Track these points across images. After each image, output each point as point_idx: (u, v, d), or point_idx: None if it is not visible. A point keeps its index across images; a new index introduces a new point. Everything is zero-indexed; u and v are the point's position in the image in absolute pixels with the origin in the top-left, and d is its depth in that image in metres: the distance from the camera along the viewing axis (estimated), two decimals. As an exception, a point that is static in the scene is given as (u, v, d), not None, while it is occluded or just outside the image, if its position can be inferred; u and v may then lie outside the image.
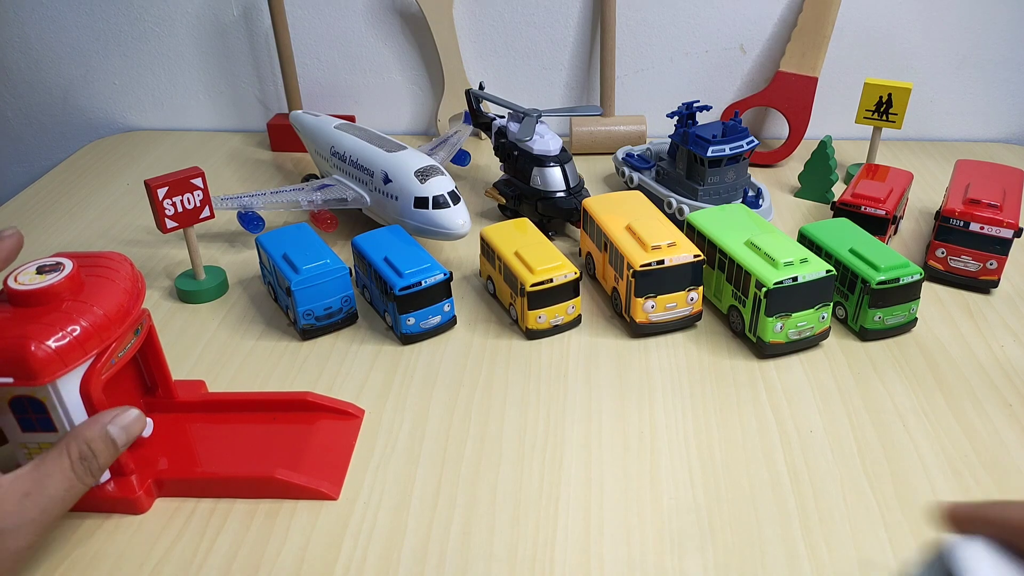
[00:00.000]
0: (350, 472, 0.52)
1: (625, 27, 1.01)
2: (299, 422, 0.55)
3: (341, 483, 0.51)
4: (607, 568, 0.45)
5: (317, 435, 0.54)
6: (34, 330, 0.42)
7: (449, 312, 0.65)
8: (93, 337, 0.44)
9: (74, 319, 0.43)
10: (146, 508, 0.50)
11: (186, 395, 0.56)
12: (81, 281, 0.46)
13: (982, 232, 0.69)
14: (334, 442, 0.54)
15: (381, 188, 0.74)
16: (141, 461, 0.51)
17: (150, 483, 0.50)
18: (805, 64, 0.95)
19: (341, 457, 0.53)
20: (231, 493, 0.50)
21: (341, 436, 0.54)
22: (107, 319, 0.45)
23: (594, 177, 0.95)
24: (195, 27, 1.04)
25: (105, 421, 0.44)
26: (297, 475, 0.50)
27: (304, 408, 0.56)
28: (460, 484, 0.51)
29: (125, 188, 0.94)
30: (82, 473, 0.43)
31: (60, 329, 0.43)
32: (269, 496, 0.50)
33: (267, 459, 0.52)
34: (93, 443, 0.43)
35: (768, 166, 0.98)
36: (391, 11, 1.02)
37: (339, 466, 0.52)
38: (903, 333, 0.65)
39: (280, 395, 0.57)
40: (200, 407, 0.56)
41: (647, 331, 0.65)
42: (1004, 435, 0.55)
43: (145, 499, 0.49)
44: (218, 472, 0.51)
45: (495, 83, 1.03)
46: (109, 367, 0.46)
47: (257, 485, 0.50)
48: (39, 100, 1.10)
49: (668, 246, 0.63)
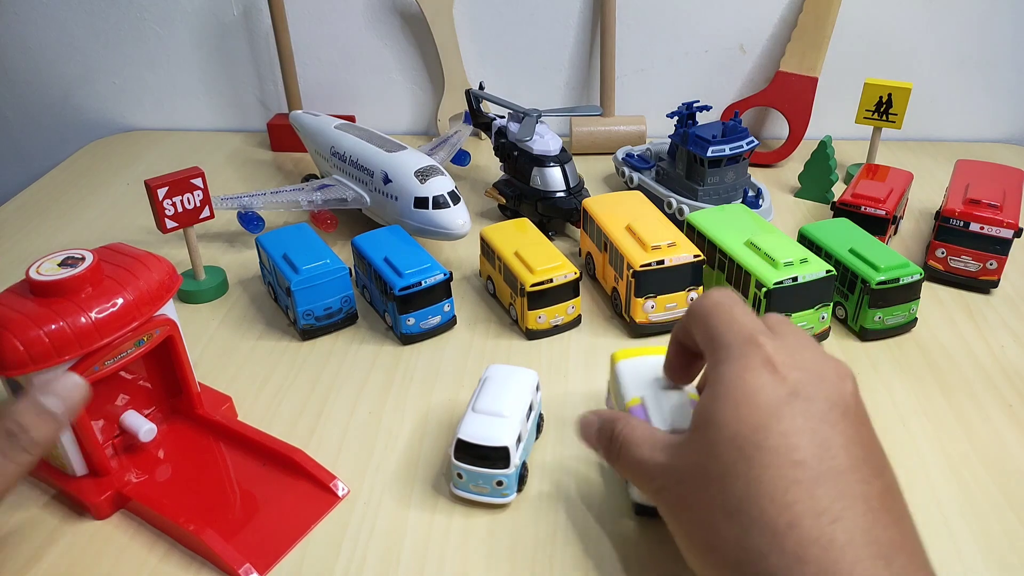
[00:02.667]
0: (350, 472, 0.52)
1: (625, 27, 1.01)
2: (278, 477, 0.51)
3: (273, 564, 0.45)
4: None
5: (286, 498, 0.49)
6: (16, 322, 0.42)
7: (449, 312, 0.65)
8: (72, 343, 0.43)
9: (56, 320, 0.43)
10: (104, 516, 0.49)
11: (204, 410, 0.54)
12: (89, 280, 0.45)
13: (982, 232, 0.69)
14: (297, 514, 0.48)
15: (381, 188, 0.74)
16: (127, 465, 0.50)
17: (111, 494, 0.49)
18: (805, 64, 0.95)
19: (292, 534, 0.47)
20: (170, 533, 0.47)
21: (308, 511, 0.49)
22: (92, 327, 0.44)
23: (594, 177, 0.95)
24: (195, 27, 1.04)
25: (35, 392, 0.40)
26: (225, 545, 0.45)
27: (288, 465, 0.51)
28: (460, 484, 0.51)
29: (125, 188, 0.94)
30: (10, 450, 0.39)
31: (39, 328, 0.43)
32: (195, 551, 0.46)
33: (217, 510, 0.48)
34: (22, 416, 0.39)
35: (768, 166, 0.98)
36: (391, 11, 1.02)
37: (283, 545, 0.46)
38: (903, 333, 0.65)
39: (275, 443, 0.52)
40: (206, 428, 0.54)
41: (647, 331, 0.65)
42: (1004, 435, 0.55)
43: (105, 507, 0.49)
44: (165, 510, 0.47)
45: (495, 83, 1.03)
46: (92, 372, 0.45)
47: (189, 537, 0.46)
48: (39, 100, 1.10)
49: (668, 246, 0.63)
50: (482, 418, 0.48)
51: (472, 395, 0.51)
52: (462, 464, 0.48)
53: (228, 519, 0.48)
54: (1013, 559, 0.45)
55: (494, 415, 0.48)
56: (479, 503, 0.49)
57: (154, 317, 0.48)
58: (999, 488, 0.50)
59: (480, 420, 0.48)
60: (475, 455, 0.47)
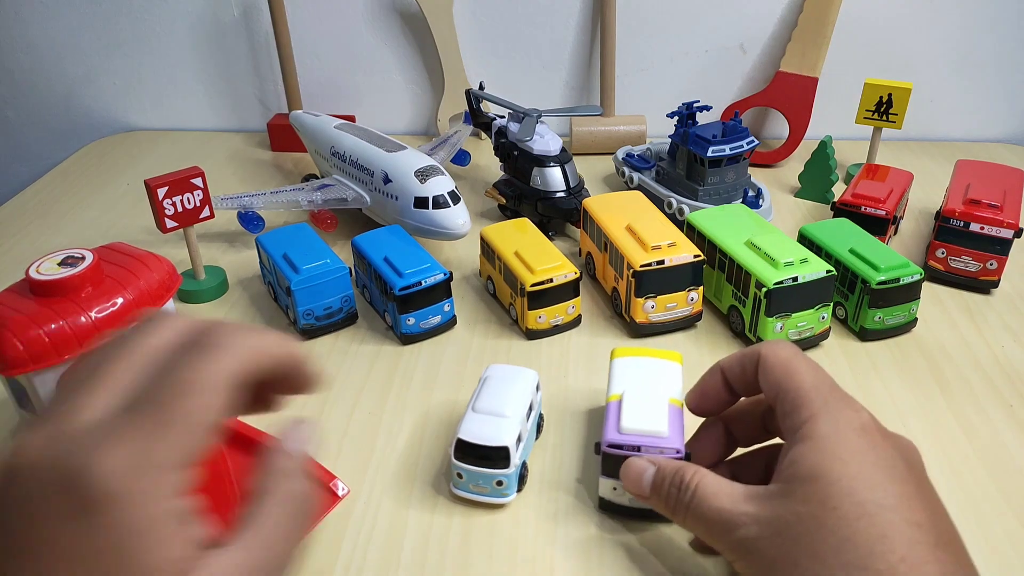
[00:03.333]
0: (350, 472, 0.52)
1: (625, 27, 1.01)
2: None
3: None
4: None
5: None
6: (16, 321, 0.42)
7: (449, 312, 0.65)
8: (72, 342, 0.44)
9: (56, 319, 0.43)
10: None
11: None
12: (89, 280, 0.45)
13: (982, 232, 0.69)
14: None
15: (381, 188, 0.74)
16: None
17: None
18: (805, 64, 0.95)
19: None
20: None
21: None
22: (92, 326, 0.44)
23: (594, 177, 0.95)
24: (195, 27, 1.04)
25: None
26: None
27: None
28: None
29: (125, 188, 0.94)
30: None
31: (39, 327, 0.43)
32: None
33: (217, 510, 0.46)
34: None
35: (768, 166, 0.98)
36: (391, 11, 1.02)
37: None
38: (903, 333, 0.65)
39: (275, 443, 0.51)
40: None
41: (647, 331, 0.65)
42: (1004, 435, 0.55)
43: None
44: None
45: (495, 83, 1.03)
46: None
47: None
48: (40, 100, 1.10)
49: (668, 246, 0.63)
50: (482, 418, 0.48)
51: (472, 395, 0.51)
52: (462, 464, 0.48)
53: (228, 518, 0.48)
54: (1013, 559, 0.45)
55: (494, 415, 0.48)
56: (479, 503, 0.49)
57: None
58: (999, 488, 0.50)
59: (480, 420, 0.48)
60: (475, 455, 0.47)
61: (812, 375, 0.41)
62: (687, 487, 0.41)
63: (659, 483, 0.42)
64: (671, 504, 0.41)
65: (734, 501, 0.39)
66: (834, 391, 0.40)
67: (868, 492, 0.36)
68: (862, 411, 0.39)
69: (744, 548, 0.38)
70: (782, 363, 0.41)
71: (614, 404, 0.47)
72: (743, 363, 0.43)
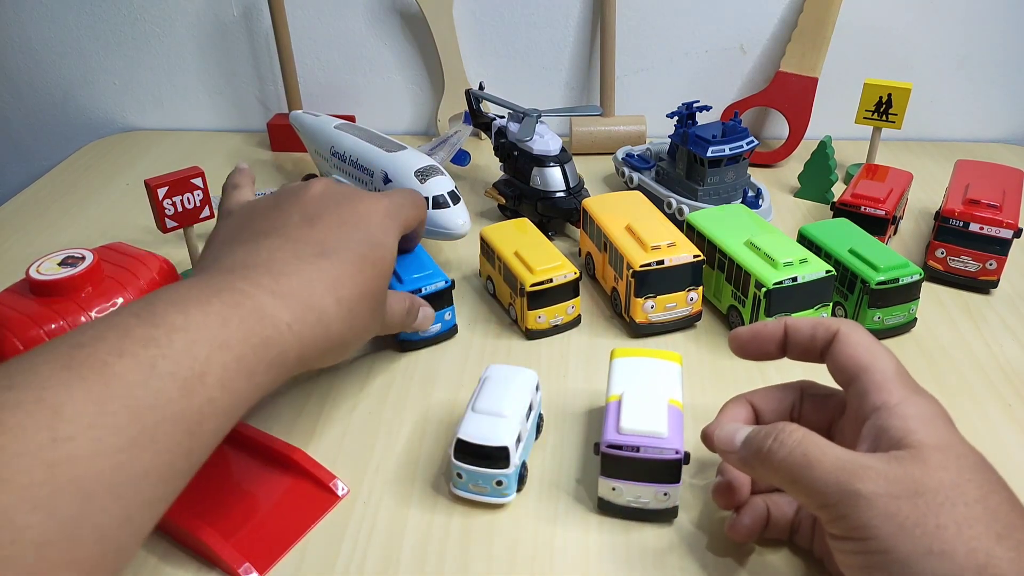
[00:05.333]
0: (350, 472, 0.52)
1: (625, 27, 1.01)
2: (278, 476, 0.51)
3: (272, 563, 0.45)
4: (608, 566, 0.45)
5: (285, 497, 0.49)
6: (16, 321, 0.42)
7: (450, 320, 0.65)
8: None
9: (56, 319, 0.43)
10: None
11: None
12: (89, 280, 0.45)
13: (982, 232, 0.69)
14: (297, 514, 0.48)
15: (381, 188, 0.74)
16: None
17: None
18: (805, 64, 0.95)
19: (292, 534, 0.47)
20: (169, 533, 0.47)
21: (308, 510, 0.49)
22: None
23: (594, 177, 0.95)
24: (195, 27, 1.04)
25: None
26: (225, 544, 0.45)
27: (288, 464, 0.51)
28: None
29: (125, 188, 0.94)
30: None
31: (39, 327, 0.43)
32: (195, 551, 0.46)
33: (217, 509, 0.48)
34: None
35: (768, 166, 0.98)
36: (391, 11, 1.02)
37: (282, 544, 0.47)
38: (903, 333, 0.65)
39: (275, 443, 0.52)
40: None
41: (647, 331, 0.65)
42: (1004, 435, 0.55)
43: None
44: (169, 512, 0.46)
45: (495, 83, 1.03)
46: None
47: (189, 537, 0.46)
48: (39, 100, 1.10)
49: (668, 246, 0.63)
50: (482, 418, 0.48)
51: (472, 395, 0.51)
52: (462, 464, 0.48)
53: (228, 518, 0.48)
54: (1013, 559, 0.45)
55: (494, 415, 0.48)
56: (479, 503, 0.49)
57: None
58: (999, 488, 0.50)
59: (480, 420, 0.48)
60: (475, 455, 0.47)
61: (896, 361, 0.42)
62: (791, 434, 0.38)
63: (754, 434, 0.40)
64: (763, 454, 0.39)
65: (851, 455, 0.37)
66: (914, 381, 0.42)
67: (984, 464, 0.37)
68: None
69: (858, 506, 0.35)
70: (865, 344, 0.42)
71: (614, 404, 0.48)
72: (815, 330, 0.44)
